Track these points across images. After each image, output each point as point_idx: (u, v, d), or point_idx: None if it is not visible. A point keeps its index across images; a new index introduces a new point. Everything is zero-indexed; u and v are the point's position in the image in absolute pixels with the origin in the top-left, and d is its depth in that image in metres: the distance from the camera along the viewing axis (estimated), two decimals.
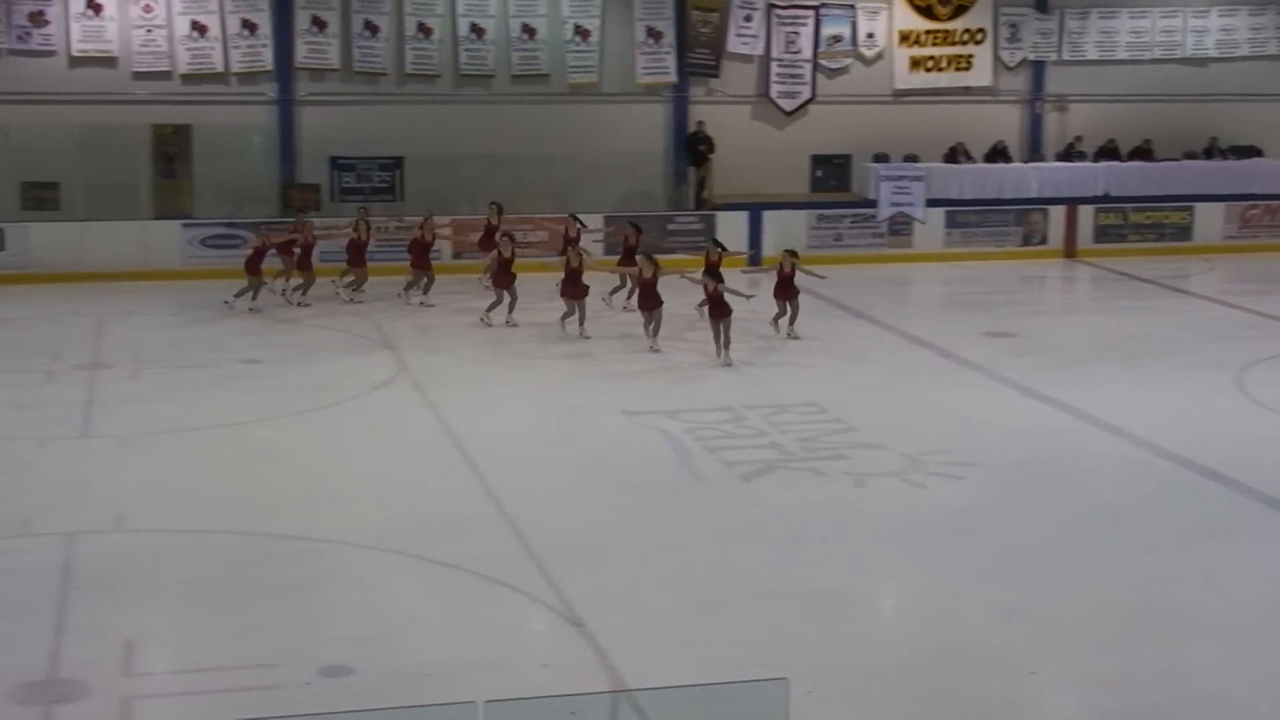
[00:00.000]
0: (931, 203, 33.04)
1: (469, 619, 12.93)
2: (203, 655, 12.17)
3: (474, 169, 31.25)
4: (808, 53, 33.97)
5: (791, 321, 24.77)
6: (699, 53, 33.41)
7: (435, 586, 13.77)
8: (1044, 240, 33.79)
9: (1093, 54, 35.69)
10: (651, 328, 23.58)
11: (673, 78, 33.33)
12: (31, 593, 13.28)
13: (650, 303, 23.54)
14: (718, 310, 22.79)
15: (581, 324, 24.39)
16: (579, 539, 14.85)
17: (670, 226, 31.76)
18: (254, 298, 26.02)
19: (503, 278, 25.21)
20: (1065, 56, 35.54)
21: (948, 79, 34.96)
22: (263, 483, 16.64)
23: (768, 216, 32.09)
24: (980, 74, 35.14)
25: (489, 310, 25.18)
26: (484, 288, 26.37)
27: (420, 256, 27.06)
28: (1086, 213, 33.98)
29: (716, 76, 33.67)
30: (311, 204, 30.76)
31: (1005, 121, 35.35)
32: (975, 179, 34.17)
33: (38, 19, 30.42)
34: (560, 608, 13.12)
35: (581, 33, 32.72)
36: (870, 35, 34.46)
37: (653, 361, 22.69)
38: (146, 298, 27.38)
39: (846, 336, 25.25)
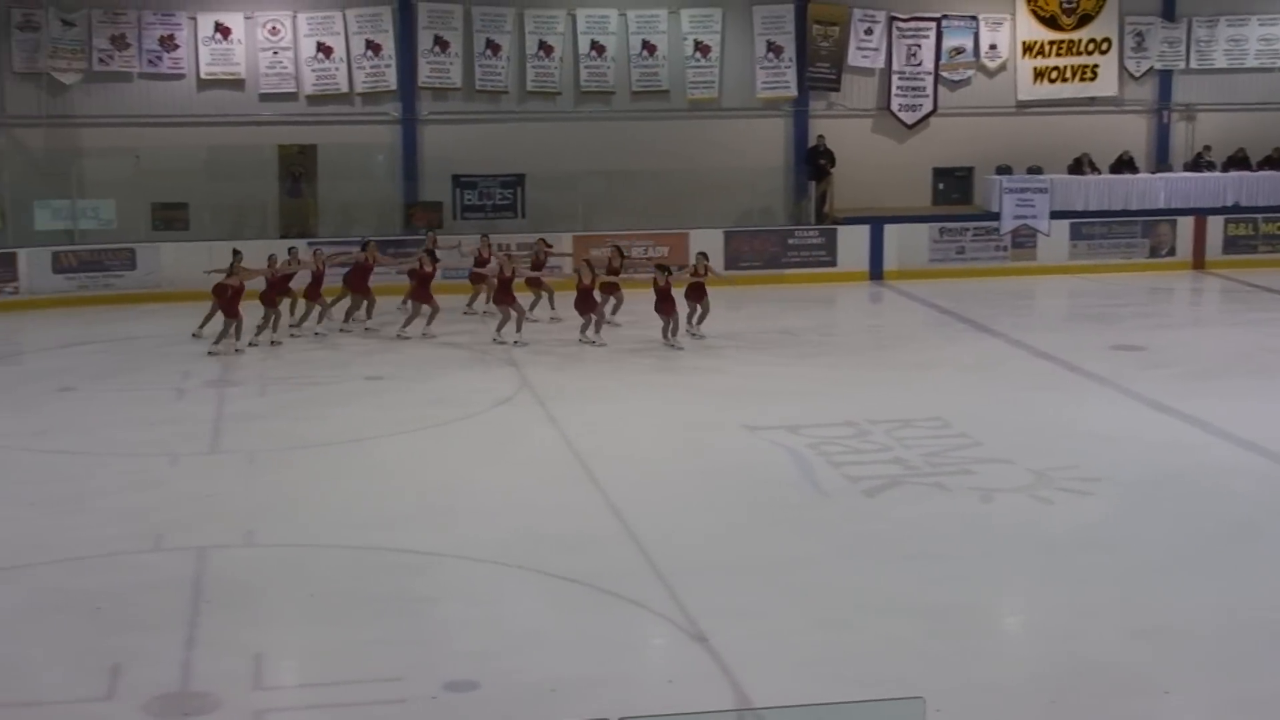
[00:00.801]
0: (1056, 215, 32.63)
1: (592, 634, 12.92)
2: (330, 669, 12.27)
3: (594, 185, 31.38)
4: (929, 65, 33.73)
5: (700, 321, 25.69)
6: (819, 67, 33.30)
7: (558, 601, 13.77)
8: (1172, 252, 33.25)
9: (1221, 62, 35.09)
10: (592, 328, 25.05)
11: (793, 92, 33.25)
12: (164, 606, 13.48)
13: (587, 305, 25.05)
14: (666, 306, 24.68)
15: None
16: (702, 554, 14.79)
17: (790, 241, 31.70)
18: (273, 329, 25.13)
19: (504, 295, 25.21)
20: (1193, 65, 34.99)
21: (1072, 89, 34.53)
22: (387, 498, 16.76)
23: (889, 230, 31.90)
24: (1106, 84, 34.67)
25: (499, 329, 25.34)
26: (480, 313, 27.05)
27: (420, 288, 26.07)
28: (1215, 223, 33.40)
29: (837, 90, 33.54)
30: (435, 222, 31.03)
31: (1131, 132, 34.85)
32: (1101, 190, 33.69)
33: (168, 43, 31.05)
34: (684, 623, 13.07)
35: (701, 49, 32.76)
36: (993, 46, 34.16)
37: (776, 378, 22.60)
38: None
39: (970, 350, 24.98)
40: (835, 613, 13.33)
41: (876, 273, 31.73)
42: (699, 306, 25.61)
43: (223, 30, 31.23)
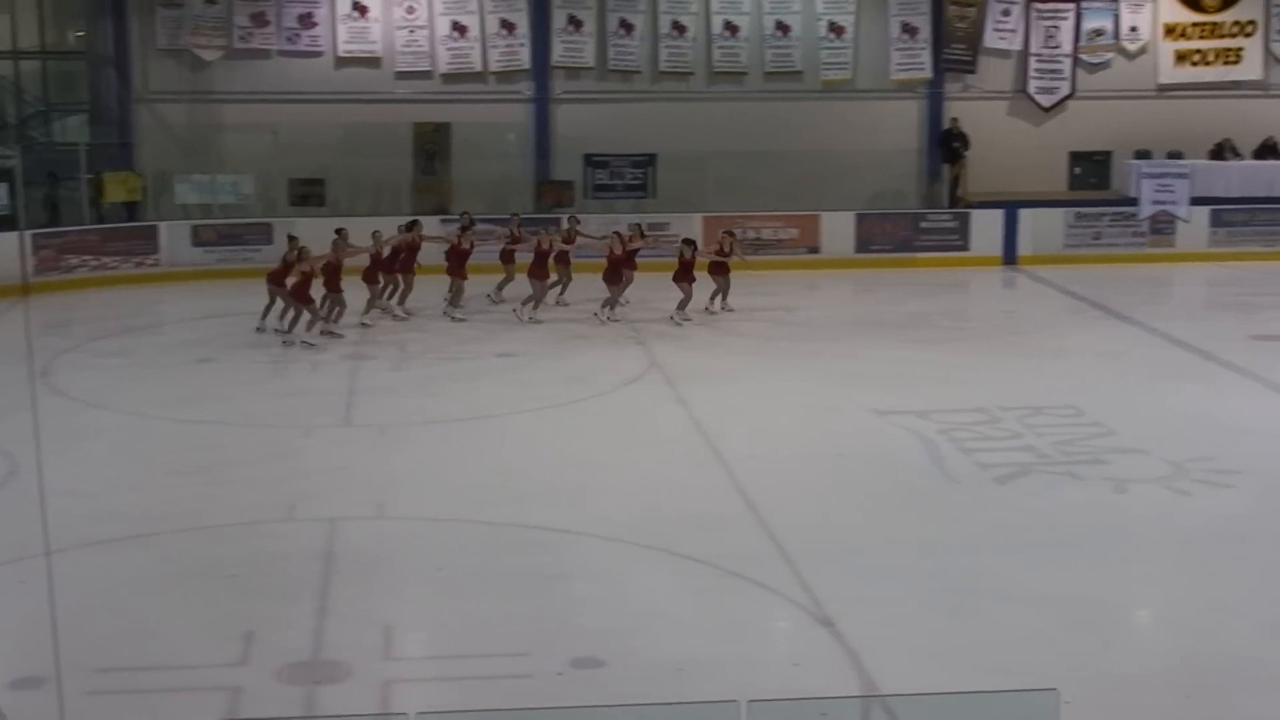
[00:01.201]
0: (1196, 201, 31.96)
1: (718, 615, 12.92)
2: (459, 642, 12.39)
3: (725, 166, 31.29)
4: (1068, 47, 33.22)
5: (720, 299, 25.91)
6: (955, 48, 32.93)
7: (685, 581, 13.78)
8: None
9: None
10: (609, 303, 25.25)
11: (928, 74, 32.93)
12: (296, 575, 13.70)
13: (614, 277, 25.25)
14: (686, 279, 25.03)
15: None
16: (830, 538, 14.72)
17: (923, 225, 31.41)
18: (325, 318, 24.10)
19: (538, 270, 25.43)
20: None
21: (1215, 73, 33.82)
22: (516, 474, 16.88)
23: (1023, 215, 31.47)
24: (1250, 67, 33.90)
25: (524, 303, 25.42)
26: (493, 303, 26.44)
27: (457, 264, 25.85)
28: None
29: (973, 72, 33.15)
30: (567, 199, 31.15)
31: (1276, 117, 34.01)
32: (1243, 176, 32.94)
33: (306, 21, 31.45)
34: (810, 606, 13.02)
35: (835, 29, 32.53)
36: (1134, 29, 33.53)
37: (905, 362, 22.40)
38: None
39: (1105, 338, 24.60)
40: (965, 600, 13.20)
41: (1010, 257, 31.32)
42: (719, 285, 25.77)
43: (360, 9, 31.57)
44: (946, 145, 32.57)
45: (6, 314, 24.98)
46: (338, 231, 24.91)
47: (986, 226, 31.32)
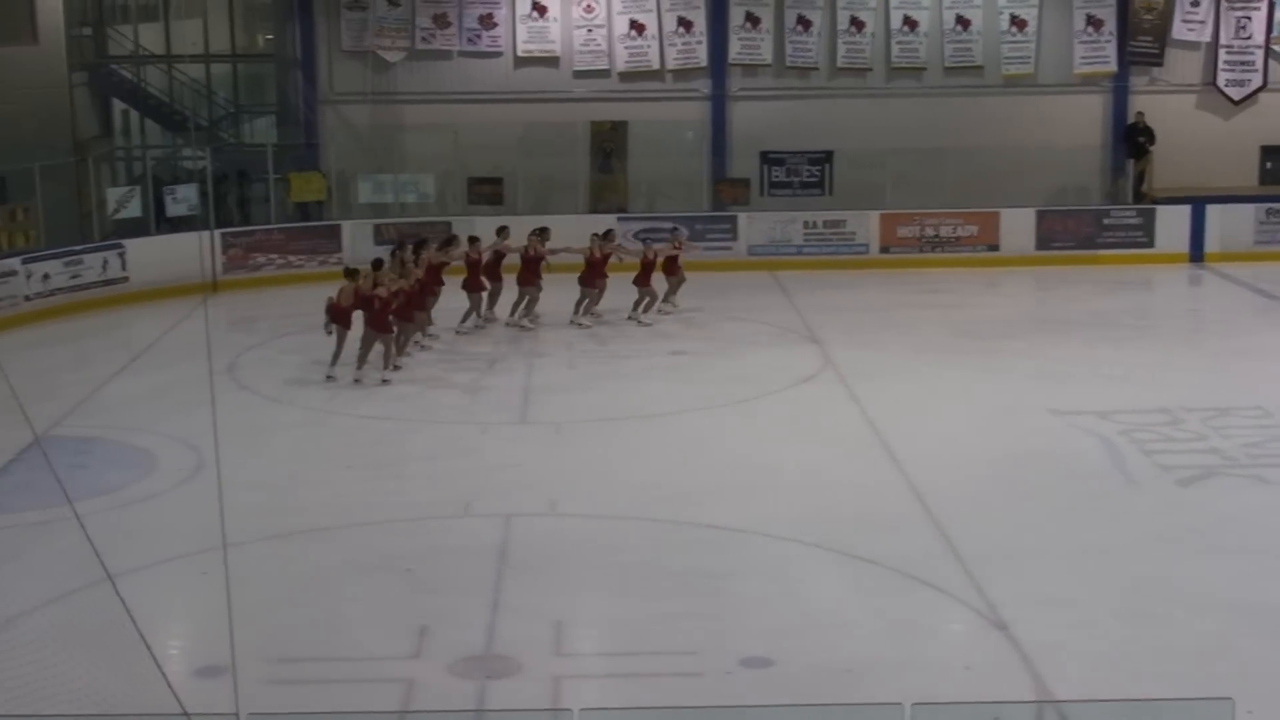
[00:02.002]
0: None
1: (889, 616, 12.82)
2: (628, 639, 12.45)
3: (903, 162, 30.93)
4: (1259, 38, 32.21)
5: (673, 294, 25.70)
6: (1141, 40, 32.17)
7: (856, 582, 13.69)
8: None
9: None
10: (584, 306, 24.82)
11: (1113, 67, 32.21)
12: (471, 570, 13.88)
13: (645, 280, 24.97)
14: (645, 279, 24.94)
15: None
16: (1005, 540, 14.51)
17: (1106, 221, 30.75)
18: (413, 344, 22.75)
19: (529, 275, 24.56)
20: None
21: None
22: (688, 472, 16.91)
23: (1211, 211, 30.64)
24: None
25: (578, 313, 24.82)
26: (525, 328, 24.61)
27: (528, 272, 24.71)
28: None
29: (1160, 65, 32.34)
30: (743, 197, 31.05)
31: None
32: None
33: (486, 21, 31.83)
34: (984, 610, 12.85)
35: (1017, 23, 31.99)
36: None
37: (1086, 361, 21.95)
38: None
39: None
40: (1143, 605, 12.92)
41: (1197, 255, 30.52)
42: (672, 281, 25.66)
43: (539, 8, 31.85)
44: (1131, 140, 31.83)
45: (195, 311, 25.68)
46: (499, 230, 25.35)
47: (1173, 223, 30.55)
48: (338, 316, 21.09)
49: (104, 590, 10.60)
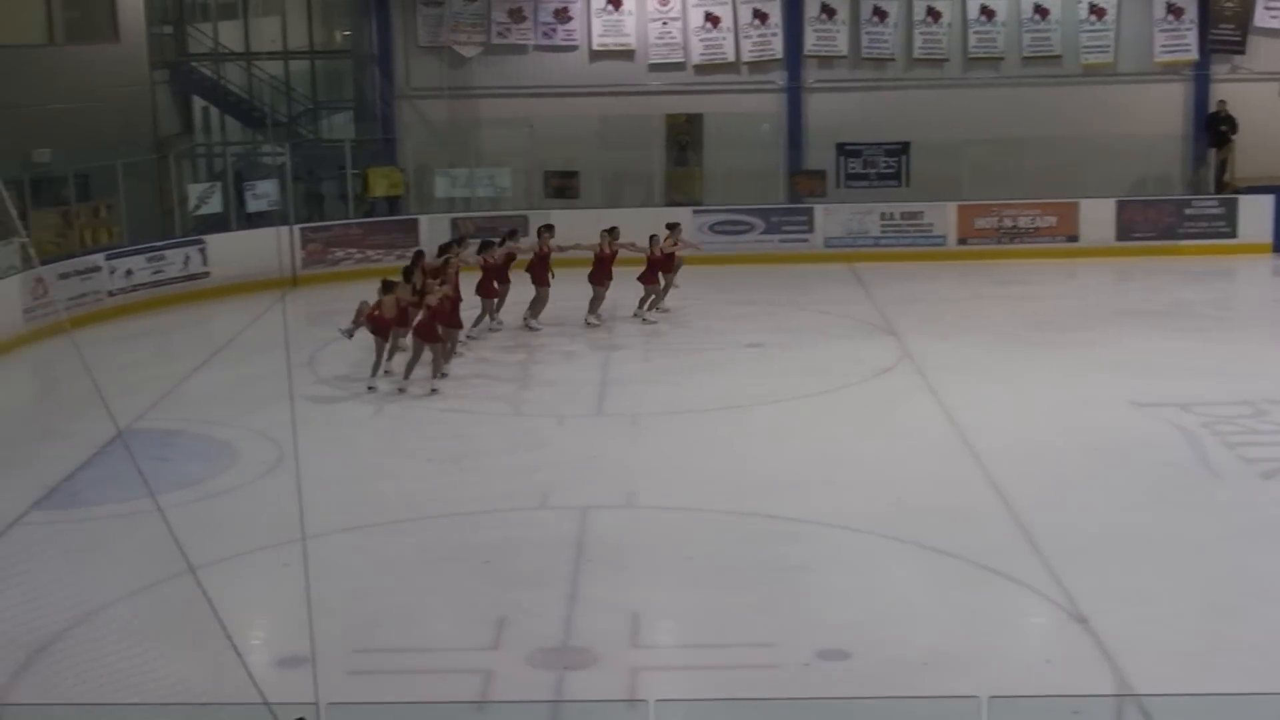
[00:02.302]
0: None
1: (968, 609, 12.75)
2: (705, 632, 12.46)
3: (981, 153, 30.73)
4: None
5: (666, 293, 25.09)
6: (1223, 28, 31.75)
7: (933, 575, 13.63)
8: None
9: None
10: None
11: (1193, 55, 31.83)
12: (548, 562, 13.93)
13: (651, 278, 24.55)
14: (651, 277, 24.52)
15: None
16: (1085, 533, 14.38)
17: (1187, 211, 30.40)
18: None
19: (540, 273, 24.17)
20: None
21: None
22: (764, 465, 16.89)
23: None
24: None
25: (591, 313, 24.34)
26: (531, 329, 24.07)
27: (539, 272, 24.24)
28: None
29: (1242, 53, 31.91)
30: (819, 189, 30.94)
31: None
32: None
33: (562, 15, 31.92)
34: (1063, 603, 12.75)
35: (1096, 11, 31.68)
36: None
37: (1167, 353, 21.73)
38: None
39: None
40: (1225, 600, 12.78)
41: None
42: (666, 282, 24.96)
43: (614, 2, 31.90)
44: (1213, 129, 31.44)
45: (275, 305, 25.92)
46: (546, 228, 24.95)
47: (1256, 213, 30.14)
48: (379, 329, 20.77)
49: (186, 581, 10.73)
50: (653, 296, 24.77)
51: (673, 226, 25.37)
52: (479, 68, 32.26)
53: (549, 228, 25.00)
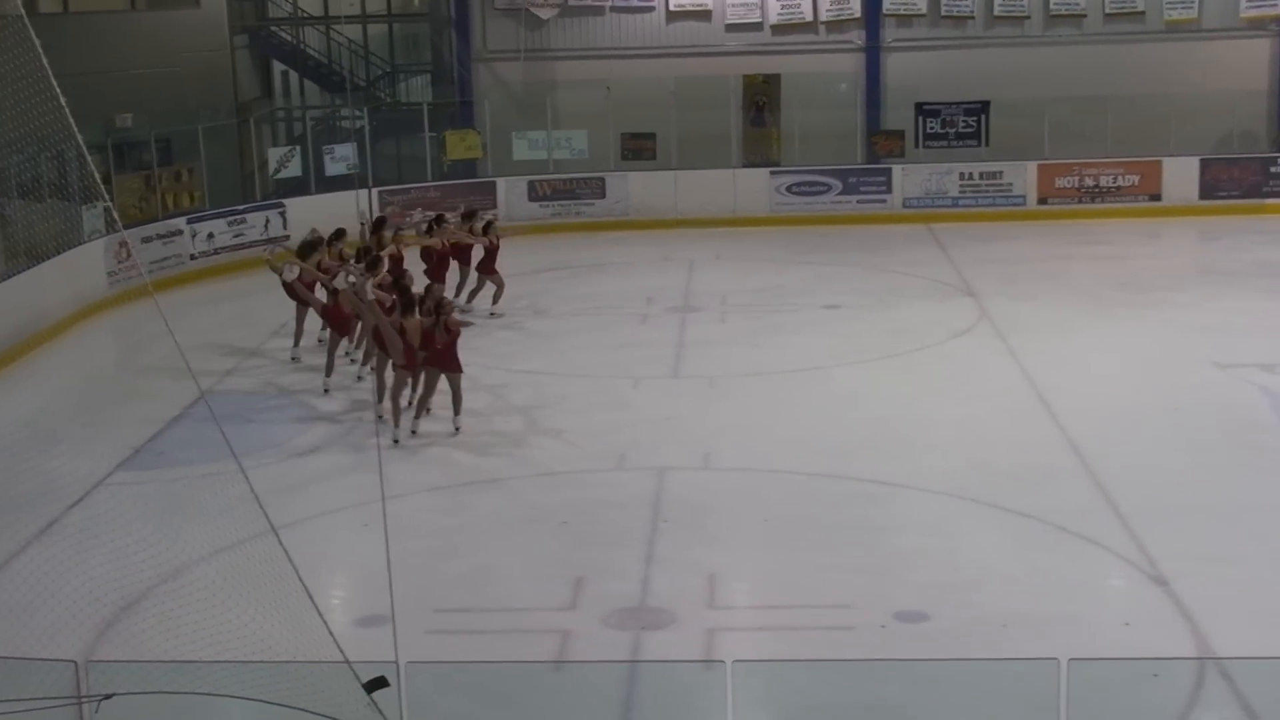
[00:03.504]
0: None
1: (1046, 571, 12.67)
2: (781, 592, 12.47)
3: (1062, 111, 30.36)
4: None
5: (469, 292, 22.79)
6: None
7: (1012, 536, 13.55)
8: None
9: None
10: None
11: None
12: (625, 523, 13.99)
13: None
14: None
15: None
16: (1166, 495, 14.25)
17: (1273, 169, 29.94)
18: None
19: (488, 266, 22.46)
20: None
21: None
22: (842, 426, 16.84)
23: None
24: None
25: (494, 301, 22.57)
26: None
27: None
28: None
29: None
30: (898, 149, 30.74)
31: None
32: None
33: None
34: (1144, 565, 12.65)
35: None
36: None
37: (1250, 313, 21.44)
38: (735, 243, 28.22)
39: None
40: None
41: None
42: (464, 273, 22.67)
43: None
44: None
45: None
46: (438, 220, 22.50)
47: None
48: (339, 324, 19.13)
49: (268, 541, 10.86)
50: (471, 288, 22.66)
51: (469, 215, 23.25)
52: (556, 30, 32.26)
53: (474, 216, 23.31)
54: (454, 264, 22.22)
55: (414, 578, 12.45)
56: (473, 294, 22.76)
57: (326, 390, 18.67)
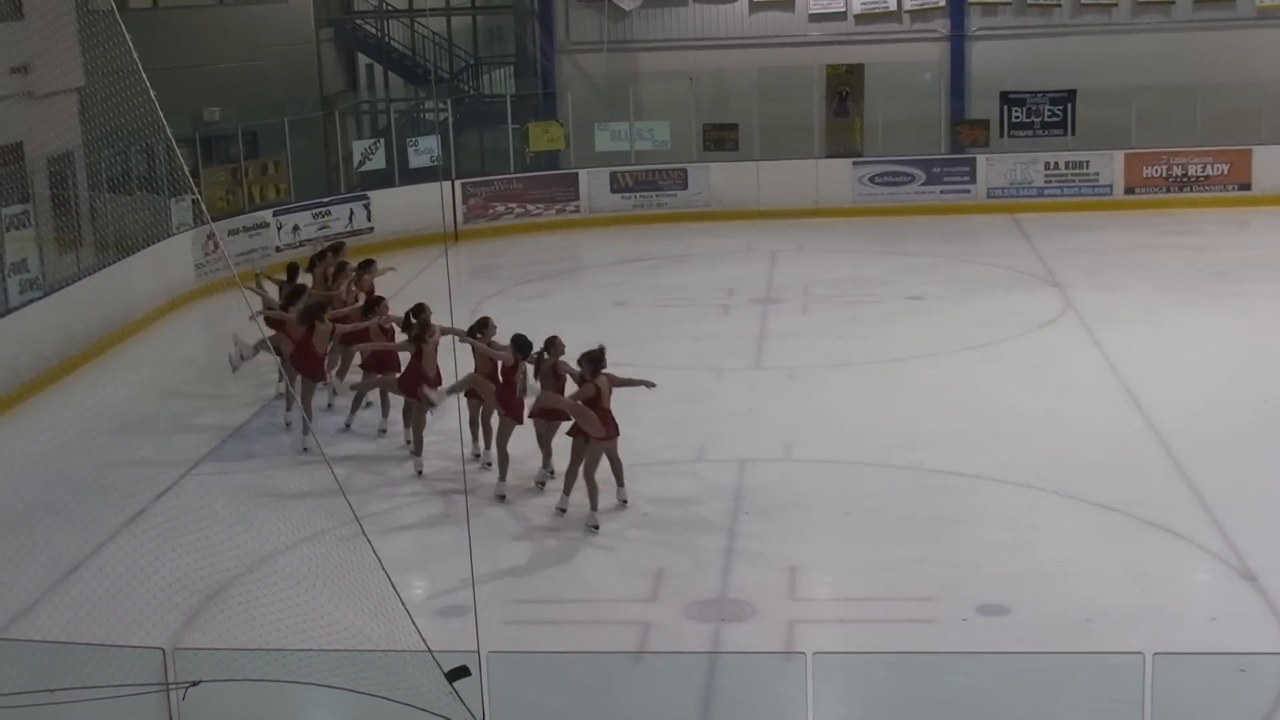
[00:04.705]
0: None
1: (1131, 565, 12.55)
2: (862, 585, 12.43)
3: (1149, 100, 29.97)
4: None
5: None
6: None
7: (1096, 529, 13.43)
8: None
9: None
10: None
11: None
12: (706, 515, 13.99)
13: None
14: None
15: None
16: (1255, 488, 14.06)
17: None
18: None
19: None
20: None
21: None
22: (924, 418, 16.75)
23: None
24: None
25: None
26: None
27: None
28: None
29: None
30: (983, 139, 30.48)
31: None
32: None
33: None
34: (1231, 559, 12.49)
35: None
36: None
37: None
38: (817, 234, 28.12)
39: None
40: None
41: None
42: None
43: None
44: None
45: (438, 260, 26.22)
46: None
47: None
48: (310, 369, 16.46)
49: (352, 530, 10.97)
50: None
51: (366, 265, 19.10)
52: (638, 21, 32.27)
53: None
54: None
55: (495, 568, 12.54)
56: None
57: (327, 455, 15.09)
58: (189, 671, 9.09)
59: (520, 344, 14.78)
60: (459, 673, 8.73)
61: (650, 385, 14.50)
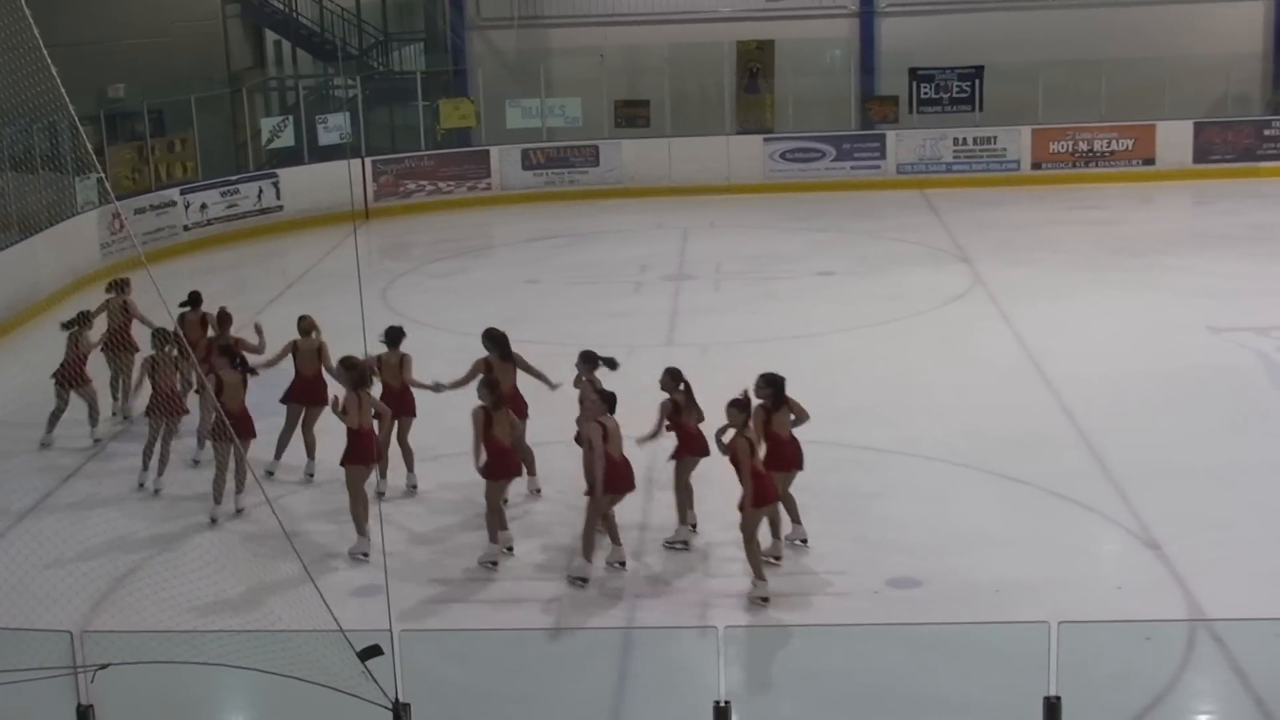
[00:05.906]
0: None
1: (1040, 536, 12.71)
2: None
3: (1055, 76, 30.29)
4: None
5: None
6: None
7: (1006, 502, 13.59)
8: None
9: None
10: None
11: None
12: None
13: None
14: None
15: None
16: (1158, 459, 14.29)
17: (1267, 132, 29.92)
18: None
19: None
20: None
21: None
22: (837, 392, 16.79)
23: None
24: None
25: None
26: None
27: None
28: None
29: None
30: (892, 115, 30.67)
31: None
32: None
33: None
34: (1136, 529, 12.69)
35: None
36: None
37: (1245, 276, 21.46)
38: (729, 210, 28.21)
39: None
40: None
41: None
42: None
43: None
44: None
45: (348, 238, 26.08)
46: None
47: None
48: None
49: (264, 512, 10.87)
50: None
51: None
52: None
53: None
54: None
55: (410, 548, 12.50)
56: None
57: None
58: (98, 654, 8.99)
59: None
60: (371, 651, 8.70)
61: (553, 386, 14.42)
